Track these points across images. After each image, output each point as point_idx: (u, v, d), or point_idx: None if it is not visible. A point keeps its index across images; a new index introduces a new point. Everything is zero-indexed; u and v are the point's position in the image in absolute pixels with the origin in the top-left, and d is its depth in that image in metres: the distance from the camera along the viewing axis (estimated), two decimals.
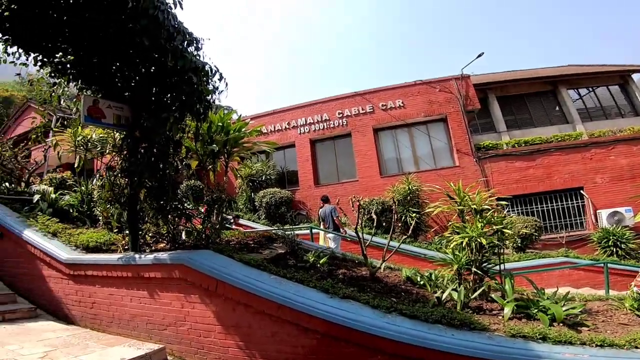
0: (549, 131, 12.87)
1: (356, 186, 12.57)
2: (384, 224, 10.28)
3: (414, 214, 10.33)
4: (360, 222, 4.84)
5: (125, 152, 4.84)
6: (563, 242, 10.74)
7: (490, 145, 12.48)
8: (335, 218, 8.34)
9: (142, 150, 4.71)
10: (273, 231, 6.07)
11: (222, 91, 4.72)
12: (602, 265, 7.59)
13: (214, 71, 4.47)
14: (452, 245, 4.58)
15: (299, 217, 12.67)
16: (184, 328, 3.91)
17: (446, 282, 4.54)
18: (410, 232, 5.84)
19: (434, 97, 12.84)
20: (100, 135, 8.30)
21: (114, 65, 4.51)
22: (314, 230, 8.79)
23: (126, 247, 4.78)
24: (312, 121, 13.84)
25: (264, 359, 3.47)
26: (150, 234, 4.99)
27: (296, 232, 6.08)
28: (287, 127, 14.15)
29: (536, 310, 3.61)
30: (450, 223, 5.11)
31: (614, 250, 9.54)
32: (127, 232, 4.87)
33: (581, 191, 11.57)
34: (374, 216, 6.12)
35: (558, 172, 11.71)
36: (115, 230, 5.56)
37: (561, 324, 3.37)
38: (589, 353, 2.78)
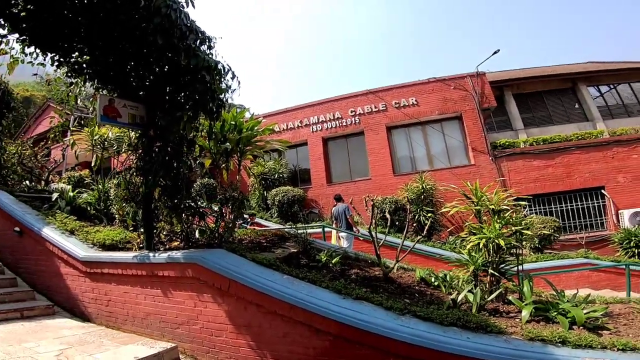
0: (568, 129, 12.49)
1: (369, 184, 12.47)
2: (396, 223, 10.16)
3: (429, 214, 10.18)
4: (373, 221, 4.78)
5: (140, 151, 4.89)
6: (582, 242, 10.42)
7: (507, 143, 12.19)
8: (348, 217, 8.28)
9: (157, 149, 4.75)
10: (285, 230, 6.05)
11: (234, 90, 4.73)
12: (624, 267, 7.32)
13: (226, 70, 4.47)
14: (468, 246, 4.47)
15: (311, 215, 12.65)
16: (196, 327, 3.92)
17: (461, 283, 4.43)
18: (425, 232, 5.73)
19: (449, 94, 12.62)
20: (117, 134, 8.46)
21: (129, 64, 4.55)
22: (326, 229, 8.75)
23: (141, 245, 4.83)
24: (324, 119, 13.78)
25: (275, 359, 3.45)
26: (164, 233, 5.03)
27: (308, 230, 6.05)
28: (300, 125, 14.14)
29: (555, 313, 3.49)
30: (466, 223, 4.99)
31: (636, 251, 9.20)
32: (142, 230, 4.92)
33: (602, 191, 11.20)
34: (388, 215, 6.04)
35: (578, 171, 11.35)
36: (131, 229, 5.64)
37: (581, 328, 3.24)
38: (611, 357, 2.66)
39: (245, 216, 9.43)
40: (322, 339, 3.24)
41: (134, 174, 4.98)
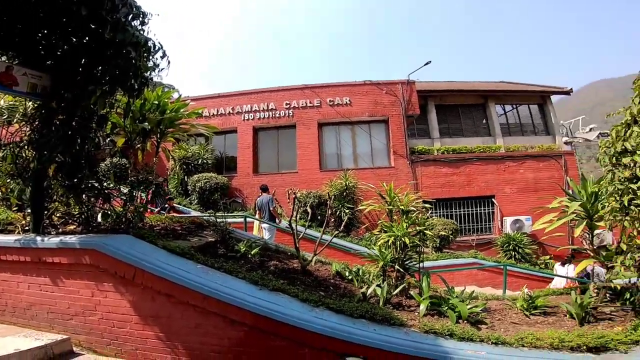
0: (474, 142, 14.11)
1: (295, 178, 12.59)
2: (319, 217, 10.46)
3: (349, 210, 10.67)
4: (295, 214, 4.84)
5: (37, 123, 4.27)
6: (473, 244, 12.00)
7: (424, 150, 13.37)
8: (272, 208, 8.26)
9: (58, 122, 4.17)
10: (204, 218, 5.79)
11: (162, 69, 4.47)
12: (502, 267, 8.66)
13: (157, 48, 4.21)
14: (379, 243, 4.81)
15: (234, 204, 12.30)
16: (94, 318, 3.55)
17: (372, 277, 4.77)
18: (342, 227, 6.00)
19: (380, 98, 13.32)
20: (10, 102, 7.13)
21: (41, 32, 3.93)
22: (248, 220, 8.60)
23: (27, 227, 4.19)
24: (257, 109, 13.49)
25: (186, 350, 3.31)
26: (58, 215, 4.42)
27: (229, 220, 5.88)
28: (231, 112, 13.62)
29: (446, 308, 3.96)
30: (380, 221, 5.38)
31: (513, 254, 10.94)
32: (29, 211, 4.26)
33: (493, 199, 13.02)
34: (309, 209, 6.18)
35: (476, 181, 13.01)
36: (15, 209, 4.84)
37: (465, 322, 3.75)
38: (486, 350, 3.13)
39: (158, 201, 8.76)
40: (237, 329, 3.20)
41: (26, 147, 4.29)
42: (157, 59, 4.33)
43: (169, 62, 4.44)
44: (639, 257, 4.40)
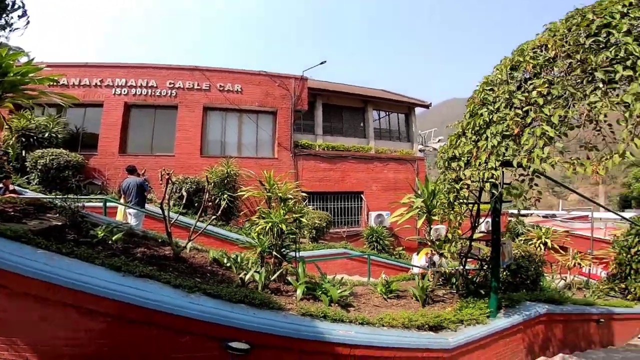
0: (352, 142, 15.53)
1: (172, 161, 11.50)
2: (196, 204, 9.83)
3: (226, 195, 10.34)
4: (167, 197, 4.47)
5: None
6: (344, 236, 13.24)
7: (307, 144, 14.04)
8: (146, 192, 7.44)
9: None
10: (47, 199, 4.79)
11: (16, 29, 4.15)
12: (367, 257, 9.83)
13: (16, 6, 3.92)
14: (257, 229, 4.87)
15: (92, 187, 10.46)
16: None
17: (250, 264, 4.78)
18: (219, 213, 5.83)
19: (272, 90, 13.32)
20: None
21: None
22: (110, 204, 7.46)
23: None
24: (134, 84, 11.78)
25: (30, 346, 2.72)
26: None
27: (88, 204, 5.00)
28: (99, 84, 11.54)
29: (320, 292, 4.30)
30: (258, 207, 5.42)
31: (376, 245, 12.51)
32: None
33: (362, 195, 14.61)
34: (184, 193, 5.78)
35: (349, 177, 14.36)
36: None
37: (336, 304, 4.14)
38: (355, 330, 3.54)
39: None
40: (97, 320, 2.80)
41: None
42: (12, 17, 4.02)
43: (28, 23, 4.12)
44: (460, 246, 5.63)
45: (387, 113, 17.41)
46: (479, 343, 4.18)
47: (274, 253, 4.73)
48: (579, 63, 3.15)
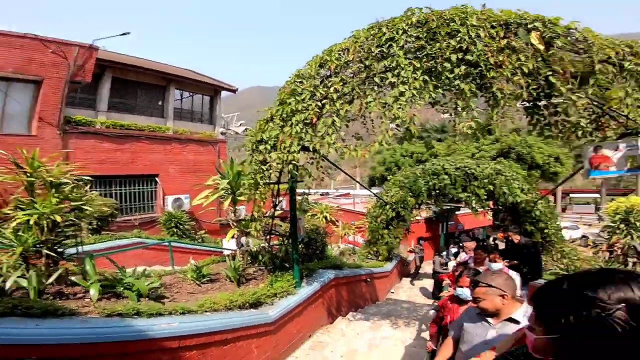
0: (148, 121, 13.59)
1: None
2: None
3: None
4: None
5: None
6: (137, 224, 11.67)
7: (84, 121, 11.29)
8: None
9: None
10: None
11: None
12: (167, 244, 9.05)
13: None
14: (13, 225, 3.72)
15: None
16: None
17: (7, 269, 3.56)
18: None
19: (40, 56, 10.12)
20: None
21: None
22: None
23: None
24: None
25: None
26: None
27: None
28: None
29: (122, 288, 3.72)
30: (13, 196, 4.09)
31: (175, 230, 11.65)
32: None
33: (156, 178, 13.21)
34: None
35: (141, 159, 12.67)
36: None
37: (147, 298, 3.69)
38: (178, 320, 3.27)
39: None
40: None
41: None
42: None
43: None
44: (264, 224, 6.11)
45: (192, 94, 16.30)
46: (294, 312, 4.75)
47: (45, 252, 3.73)
48: (366, 68, 4.01)
